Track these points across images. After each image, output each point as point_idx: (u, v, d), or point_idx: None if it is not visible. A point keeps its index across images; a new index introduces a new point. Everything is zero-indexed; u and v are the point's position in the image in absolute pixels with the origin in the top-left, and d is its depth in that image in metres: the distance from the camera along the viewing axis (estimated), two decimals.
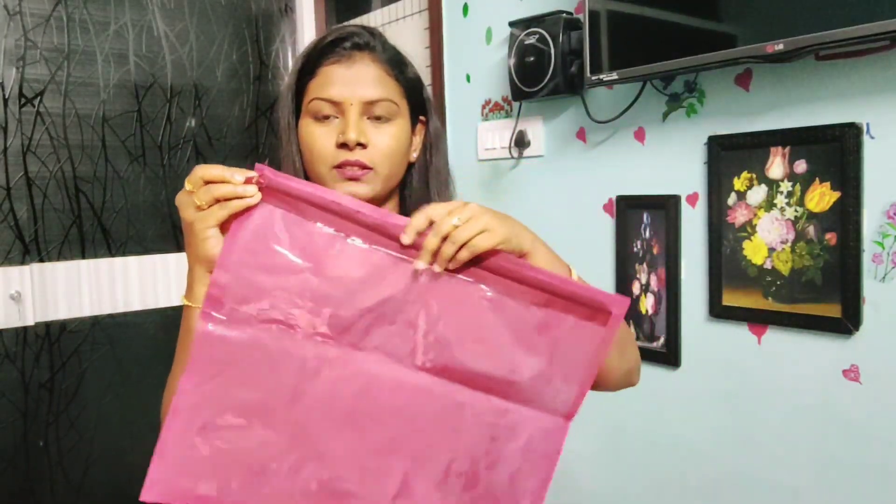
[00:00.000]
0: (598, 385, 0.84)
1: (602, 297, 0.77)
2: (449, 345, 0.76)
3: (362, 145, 0.88)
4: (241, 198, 0.73)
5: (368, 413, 0.75)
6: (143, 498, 0.69)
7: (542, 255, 0.81)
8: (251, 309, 0.73)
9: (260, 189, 0.73)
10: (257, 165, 0.74)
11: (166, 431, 0.71)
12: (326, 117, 0.90)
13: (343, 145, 0.88)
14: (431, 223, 0.75)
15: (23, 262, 2.13)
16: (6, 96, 2.10)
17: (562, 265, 0.84)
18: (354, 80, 0.89)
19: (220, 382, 0.72)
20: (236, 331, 0.73)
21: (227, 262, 0.73)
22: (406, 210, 0.98)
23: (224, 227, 0.75)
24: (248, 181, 0.73)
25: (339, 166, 0.88)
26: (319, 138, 0.89)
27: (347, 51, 0.90)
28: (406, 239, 0.74)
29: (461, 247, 0.74)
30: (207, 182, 0.74)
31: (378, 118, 0.90)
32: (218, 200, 0.74)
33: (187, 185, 0.75)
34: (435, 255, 0.75)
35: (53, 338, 2.20)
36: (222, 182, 0.73)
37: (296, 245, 0.74)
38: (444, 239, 0.74)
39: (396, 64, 0.93)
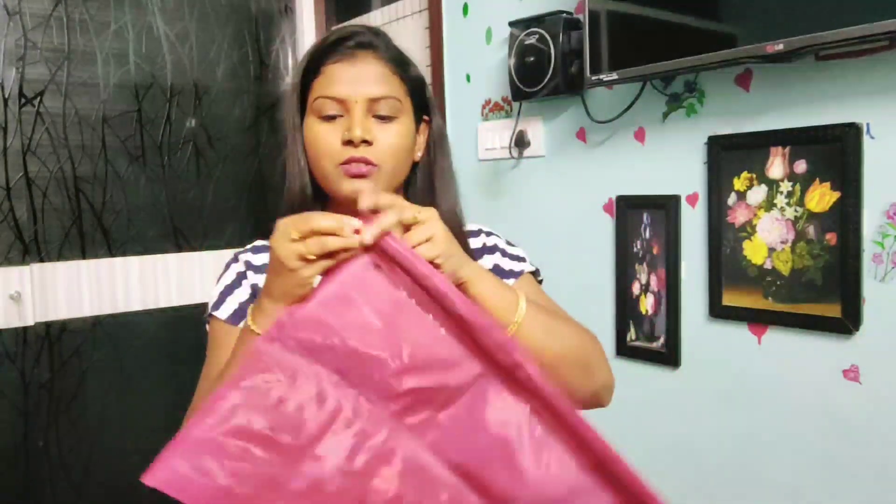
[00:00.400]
0: None
1: (649, 495, 0.79)
2: (482, 456, 0.75)
3: (367, 142, 0.89)
4: (349, 249, 0.72)
5: (379, 485, 0.73)
6: (144, 479, 0.68)
7: (486, 285, 0.80)
8: (312, 345, 0.73)
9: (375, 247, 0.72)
10: (385, 234, 0.73)
11: (194, 425, 0.70)
12: (331, 116, 0.90)
13: (348, 142, 0.89)
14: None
15: (23, 262, 2.13)
16: (6, 96, 2.10)
17: (511, 295, 0.82)
18: (358, 79, 0.90)
19: (257, 398, 0.72)
20: (290, 358, 0.72)
21: (313, 302, 0.73)
22: None
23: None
24: (356, 231, 0.71)
25: (345, 163, 0.89)
26: (325, 136, 0.90)
27: (351, 49, 0.91)
28: (363, 203, 0.73)
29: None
30: (317, 233, 0.71)
31: (383, 116, 0.91)
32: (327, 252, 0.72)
33: (293, 233, 0.72)
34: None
35: (54, 338, 2.20)
36: (333, 234, 0.71)
37: (379, 306, 0.74)
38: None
39: (400, 62, 0.94)
